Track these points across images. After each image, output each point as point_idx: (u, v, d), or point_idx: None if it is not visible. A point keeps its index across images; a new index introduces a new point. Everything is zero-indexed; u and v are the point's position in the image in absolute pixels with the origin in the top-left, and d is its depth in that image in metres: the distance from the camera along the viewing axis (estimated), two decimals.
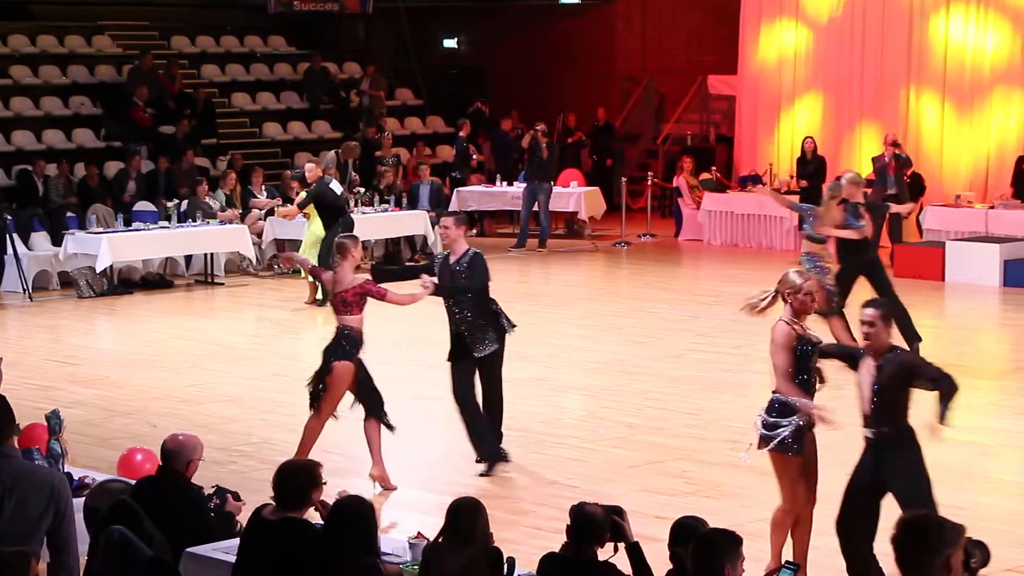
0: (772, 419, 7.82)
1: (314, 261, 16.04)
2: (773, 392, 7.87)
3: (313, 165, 18.64)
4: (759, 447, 7.94)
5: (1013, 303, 17.95)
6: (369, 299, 10.09)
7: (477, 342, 10.30)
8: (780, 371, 7.80)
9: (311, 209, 18.00)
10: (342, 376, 10.04)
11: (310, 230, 18.19)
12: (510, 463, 10.51)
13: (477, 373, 10.49)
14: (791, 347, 7.81)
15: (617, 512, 6.34)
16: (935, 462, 7.88)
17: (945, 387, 7.47)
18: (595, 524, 6.23)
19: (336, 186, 18.20)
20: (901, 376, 7.52)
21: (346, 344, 10.02)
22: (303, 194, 18.21)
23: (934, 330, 16.41)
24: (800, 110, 24.82)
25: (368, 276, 10.32)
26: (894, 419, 7.54)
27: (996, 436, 11.59)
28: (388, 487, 10.14)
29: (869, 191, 21.35)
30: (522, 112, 27.59)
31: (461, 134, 25.30)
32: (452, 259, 10.54)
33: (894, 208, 17.65)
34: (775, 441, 7.78)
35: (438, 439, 11.81)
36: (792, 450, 7.79)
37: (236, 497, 7.77)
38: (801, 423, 7.79)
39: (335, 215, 17.68)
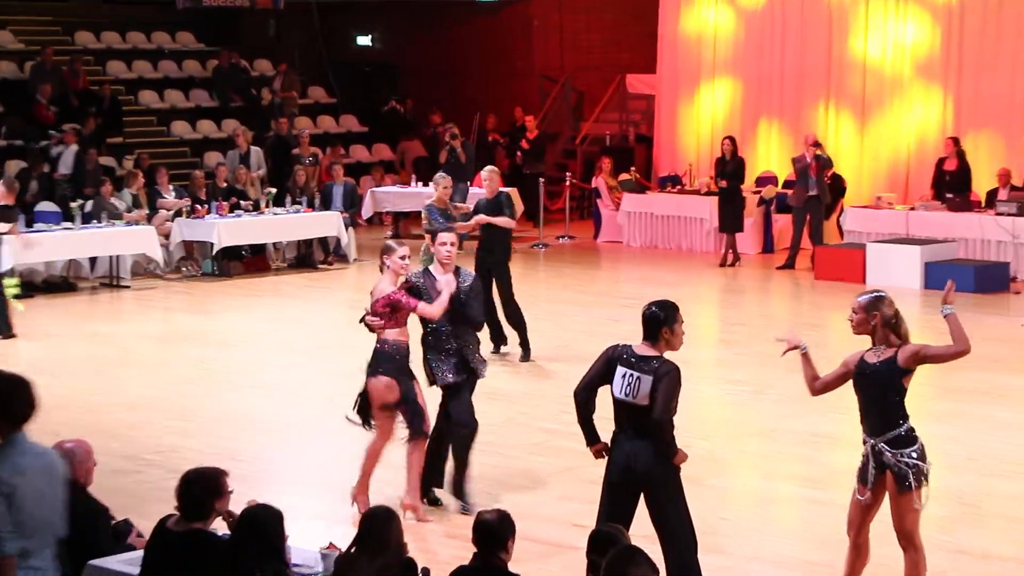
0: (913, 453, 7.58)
1: None
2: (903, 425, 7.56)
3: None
4: (919, 488, 7.53)
5: (933, 305, 17.97)
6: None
7: (478, 361, 9.83)
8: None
9: None
10: (376, 393, 9.52)
11: None
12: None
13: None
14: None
15: (505, 518, 6.25)
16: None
17: None
18: (493, 531, 6.19)
19: None
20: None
21: (378, 360, 9.51)
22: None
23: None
24: (719, 108, 24.98)
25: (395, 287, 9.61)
26: None
27: None
28: (422, 519, 9.55)
29: (790, 192, 21.60)
30: (439, 111, 27.58)
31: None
32: (440, 277, 9.79)
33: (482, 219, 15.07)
34: (919, 477, 7.53)
35: (354, 444, 11.74)
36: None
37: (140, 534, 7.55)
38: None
39: None
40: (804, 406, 12.04)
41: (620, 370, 7.52)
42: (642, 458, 7.41)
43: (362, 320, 9.55)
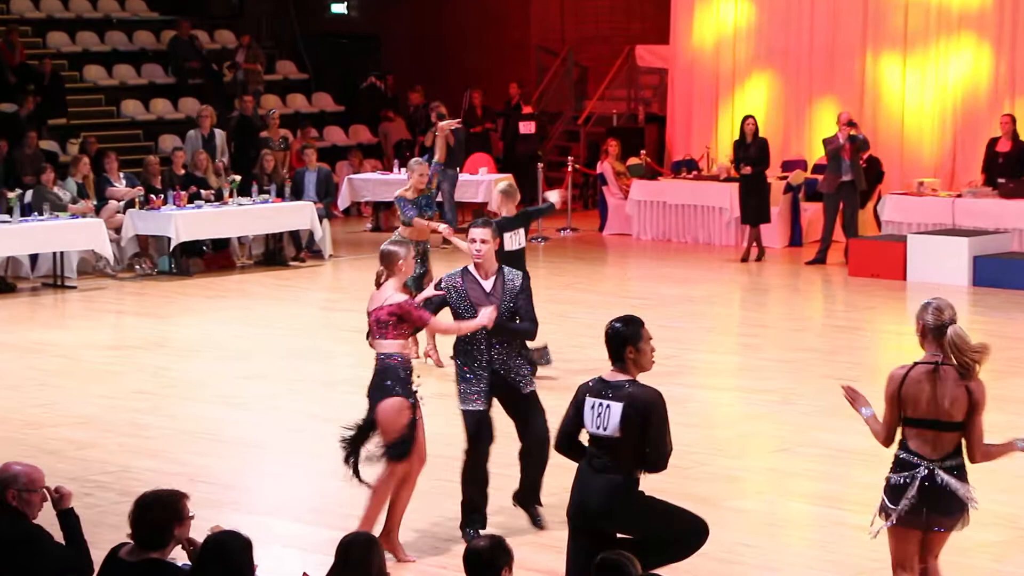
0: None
1: None
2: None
3: None
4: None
5: (983, 304, 18.20)
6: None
7: (522, 379, 9.67)
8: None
9: None
10: (391, 416, 9.19)
11: None
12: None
13: (513, 417, 9.83)
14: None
15: (499, 545, 6.31)
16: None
17: None
18: (485, 560, 6.23)
19: None
20: None
21: (388, 380, 9.23)
22: None
23: (895, 337, 16.59)
24: (742, 84, 25.02)
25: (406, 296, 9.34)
26: None
27: None
28: (402, 559, 9.32)
29: (821, 177, 21.61)
30: (424, 88, 27.62)
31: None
32: (483, 281, 9.57)
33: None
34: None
35: (329, 464, 11.78)
36: None
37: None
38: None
39: None
40: (836, 419, 12.10)
41: (588, 401, 7.60)
42: (596, 500, 7.52)
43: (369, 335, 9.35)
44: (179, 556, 6.70)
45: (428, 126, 24.12)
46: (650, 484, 7.83)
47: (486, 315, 9.28)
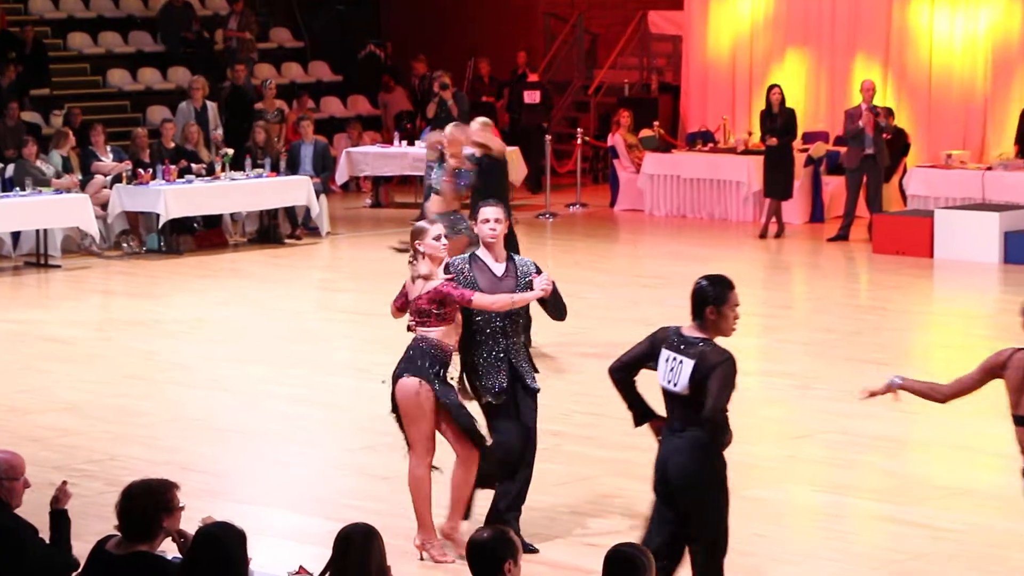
0: None
1: None
2: None
3: None
4: None
5: (1014, 283, 18.16)
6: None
7: (527, 372, 9.46)
8: None
9: None
10: (408, 397, 9.04)
11: None
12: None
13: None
14: None
15: (503, 536, 6.30)
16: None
17: None
18: (487, 553, 6.23)
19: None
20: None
21: (416, 357, 9.05)
22: None
23: (922, 317, 16.60)
24: (761, 51, 24.95)
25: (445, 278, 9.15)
26: None
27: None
28: (439, 559, 9.23)
29: (843, 150, 21.60)
30: (426, 58, 27.58)
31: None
32: (494, 264, 9.42)
33: None
34: None
35: (327, 452, 11.80)
36: None
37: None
38: None
39: None
40: (858, 404, 12.05)
41: (664, 354, 7.57)
42: (675, 461, 7.47)
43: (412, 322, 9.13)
44: (170, 549, 6.71)
45: (431, 97, 24.11)
46: None
47: (542, 284, 9.22)
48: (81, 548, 7.10)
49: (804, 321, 16.38)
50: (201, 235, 21.17)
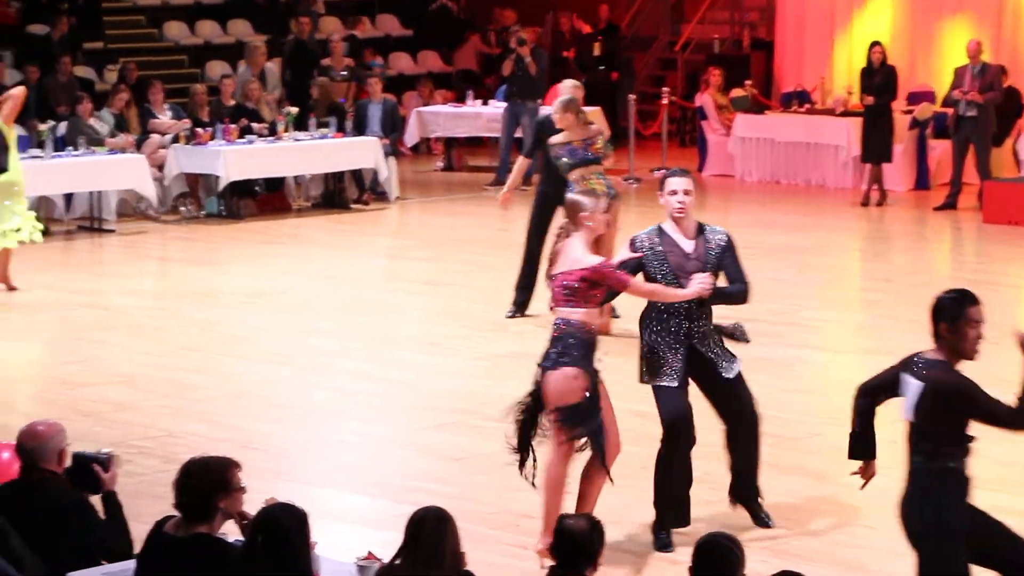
0: None
1: None
2: None
3: None
4: None
5: None
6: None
7: (724, 360, 9.36)
8: None
9: None
10: (556, 389, 8.75)
11: None
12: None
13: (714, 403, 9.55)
14: None
15: (596, 525, 6.31)
16: None
17: None
18: (582, 542, 6.24)
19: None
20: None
21: (563, 349, 8.76)
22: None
23: None
24: (861, 5, 24.80)
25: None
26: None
27: None
28: None
29: (950, 112, 21.46)
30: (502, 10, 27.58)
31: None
32: (683, 241, 9.43)
33: None
34: None
35: (394, 431, 11.83)
36: None
37: (105, 466, 7.37)
38: None
39: None
40: None
41: (903, 379, 7.37)
42: (904, 507, 7.33)
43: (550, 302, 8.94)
44: (231, 531, 6.75)
45: (508, 52, 24.07)
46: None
47: (700, 283, 9.01)
48: (138, 529, 7.16)
49: (907, 296, 16.24)
50: (263, 199, 21.26)
